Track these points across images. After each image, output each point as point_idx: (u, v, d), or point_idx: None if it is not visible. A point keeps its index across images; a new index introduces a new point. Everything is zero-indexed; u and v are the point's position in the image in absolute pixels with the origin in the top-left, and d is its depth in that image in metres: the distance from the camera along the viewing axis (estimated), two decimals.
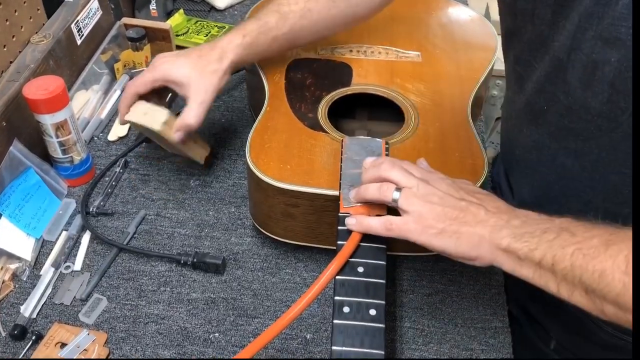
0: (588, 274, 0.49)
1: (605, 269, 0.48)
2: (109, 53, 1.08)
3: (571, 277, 0.50)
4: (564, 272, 0.50)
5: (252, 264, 0.80)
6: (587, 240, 0.50)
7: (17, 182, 0.82)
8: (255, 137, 0.77)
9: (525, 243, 0.53)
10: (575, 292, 0.50)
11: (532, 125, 0.69)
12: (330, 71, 0.88)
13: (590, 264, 0.49)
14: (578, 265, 0.49)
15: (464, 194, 0.59)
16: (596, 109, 0.59)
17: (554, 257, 0.51)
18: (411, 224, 0.58)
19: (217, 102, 1.05)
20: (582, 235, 0.51)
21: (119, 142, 0.97)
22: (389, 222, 0.59)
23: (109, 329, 0.72)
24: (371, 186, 0.62)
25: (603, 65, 0.56)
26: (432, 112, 0.82)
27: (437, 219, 0.57)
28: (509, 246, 0.54)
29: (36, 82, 0.81)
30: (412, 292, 0.77)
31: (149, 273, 0.79)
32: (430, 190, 0.59)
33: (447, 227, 0.56)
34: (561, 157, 0.67)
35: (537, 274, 0.53)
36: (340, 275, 0.60)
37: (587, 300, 0.50)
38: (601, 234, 0.50)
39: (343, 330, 0.55)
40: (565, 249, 0.50)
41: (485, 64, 0.91)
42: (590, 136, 0.62)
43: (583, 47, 0.57)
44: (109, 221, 0.85)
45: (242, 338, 0.72)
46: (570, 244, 0.50)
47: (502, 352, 0.71)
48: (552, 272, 0.51)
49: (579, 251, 0.50)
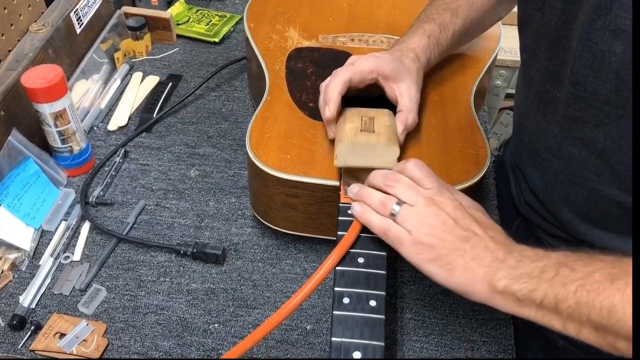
0: (596, 311, 0.47)
1: (614, 305, 0.46)
2: (109, 42, 1.08)
3: (578, 316, 0.48)
4: (569, 311, 0.48)
5: (252, 255, 0.79)
6: (589, 276, 0.48)
7: (16, 172, 0.82)
8: (255, 126, 0.76)
9: (524, 284, 0.50)
10: (584, 330, 0.48)
11: (540, 113, 0.69)
12: (331, 60, 0.87)
13: (596, 300, 0.47)
14: (584, 302, 0.47)
15: (470, 221, 0.56)
16: (605, 96, 0.58)
17: (556, 296, 0.49)
18: (406, 241, 0.55)
19: (218, 92, 1.04)
20: (583, 271, 0.49)
21: (119, 132, 0.97)
22: (388, 226, 0.57)
23: (108, 320, 0.72)
24: (374, 194, 0.60)
25: (610, 56, 0.56)
26: (435, 101, 0.81)
27: (433, 246, 0.54)
28: (506, 288, 0.51)
29: (35, 70, 0.81)
30: (414, 283, 0.76)
31: (149, 263, 0.78)
32: (433, 211, 0.56)
33: (442, 256, 0.54)
34: (567, 145, 0.66)
35: (539, 314, 0.51)
36: (340, 266, 0.59)
37: (597, 337, 0.48)
38: (602, 267, 0.48)
39: (343, 322, 0.55)
40: (567, 287, 0.48)
41: (489, 53, 0.89)
42: (598, 124, 0.61)
43: (592, 37, 0.57)
44: (109, 211, 0.84)
45: (242, 329, 0.71)
46: (572, 280, 0.48)
47: (503, 344, 0.70)
48: (556, 311, 0.49)
49: (582, 287, 0.48)
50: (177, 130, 0.97)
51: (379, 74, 0.72)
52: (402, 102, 0.73)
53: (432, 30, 0.78)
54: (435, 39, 0.78)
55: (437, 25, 0.79)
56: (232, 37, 1.17)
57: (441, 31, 0.78)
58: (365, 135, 0.66)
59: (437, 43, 0.78)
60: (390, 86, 0.73)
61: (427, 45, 0.77)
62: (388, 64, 0.72)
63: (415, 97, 0.73)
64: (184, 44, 1.15)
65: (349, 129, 0.68)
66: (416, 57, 0.76)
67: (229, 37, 1.16)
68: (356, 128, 0.67)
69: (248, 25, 0.93)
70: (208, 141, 0.95)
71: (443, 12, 0.80)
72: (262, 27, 0.93)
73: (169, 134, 0.96)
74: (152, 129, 0.97)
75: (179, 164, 0.91)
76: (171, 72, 1.08)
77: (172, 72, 1.08)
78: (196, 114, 1.00)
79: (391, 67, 0.72)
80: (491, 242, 0.55)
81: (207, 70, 1.08)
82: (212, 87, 1.05)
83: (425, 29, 0.78)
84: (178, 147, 0.94)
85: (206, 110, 1.00)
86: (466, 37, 0.84)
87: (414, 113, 0.72)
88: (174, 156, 0.92)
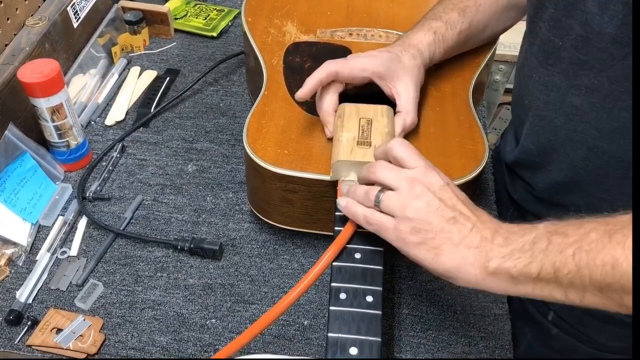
0: (598, 270, 0.45)
1: (616, 258, 0.45)
2: (106, 36, 1.07)
3: (579, 280, 0.47)
4: (569, 277, 0.47)
5: (250, 250, 0.79)
6: (584, 237, 0.47)
7: (13, 167, 0.81)
8: (252, 121, 0.75)
9: (517, 260, 0.49)
10: (587, 294, 0.47)
11: (543, 66, 0.68)
12: (330, 55, 0.86)
13: (597, 258, 0.46)
14: (584, 264, 0.46)
15: (456, 201, 0.54)
16: (611, 34, 0.57)
17: (554, 264, 0.48)
18: (390, 226, 0.54)
19: (216, 87, 1.04)
20: (576, 234, 0.48)
21: (116, 127, 0.96)
22: (370, 214, 0.56)
23: (105, 315, 0.72)
24: (359, 188, 0.59)
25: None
26: (433, 96, 0.80)
27: (417, 229, 0.53)
28: (498, 267, 0.50)
29: (31, 65, 0.80)
30: (411, 279, 0.76)
31: (146, 259, 0.78)
32: (417, 192, 0.54)
33: (429, 239, 0.53)
34: (570, 96, 0.65)
35: (537, 287, 0.49)
36: (337, 261, 0.59)
37: (601, 298, 0.47)
38: (595, 226, 0.47)
39: (339, 317, 0.54)
40: (564, 253, 0.47)
41: (488, 48, 0.89)
42: (603, 67, 0.60)
43: None
44: (106, 206, 0.84)
45: (239, 324, 0.71)
46: (567, 245, 0.47)
47: (501, 340, 0.70)
48: (556, 281, 0.48)
49: (580, 250, 0.47)
50: (175, 125, 0.97)
51: (373, 72, 0.72)
52: (400, 103, 0.72)
53: (438, 27, 0.78)
54: (441, 35, 0.78)
55: (444, 22, 0.78)
56: (230, 32, 1.16)
57: (447, 28, 0.78)
58: (362, 150, 0.66)
59: (442, 39, 0.78)
60: (387, 85, 0.73)
61: (432, 41, 0.77)
62: (384, 63, 0.72)
63: (414, 96, 0.73)
64: (181, 38, 1.14)
65: (346, 140, 0.67)
66: (418, 53, 0.75)
67: (226, 32, 1.16)
68: (353, 139, 0.67)
69: (246, 19, 0.92)
70: (206, 136, 0.95)
71: (450, 11, 0.80)
72: (259, 21, 0.92)
73: (167, 129, 0.96)
74: (150, 124, 0.97)
75: (177, 159, 0.91)
76: (169, 66, 1.08)
77: (170, 66, 1.08)
78: (194, 108, 0.99)
79: (387, 66, 0.72)
80: (478, 221, 0.53)
81: (204, 64, 1.07)
82: (210, 81, 1.04)
83: (432, 25, 0.78)
84: (175, 142, 0.94)
85: (204, 105, 1.00)
86: (471, 40, 0.84)
87: (412, 114, 0.72)
88: (171, 151, 0.92)
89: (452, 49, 0.81)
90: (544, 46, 0.68)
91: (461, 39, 0.80)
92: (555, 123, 0.69)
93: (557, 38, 0.65)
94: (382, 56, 0.73)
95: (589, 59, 0.62)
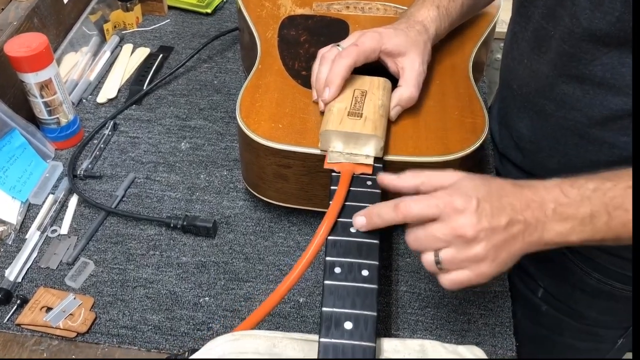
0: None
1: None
2: (98, 13, 1.05)
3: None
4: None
5: (245, 228, 0.77)
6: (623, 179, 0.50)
7: (1, 144, 0.79)
8: (245, 95, 0.73)
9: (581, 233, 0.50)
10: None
11: (534, 53, 0.67)
12: (326, 28, 0.85)
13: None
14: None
15: (509, 211, 0.50)
16: (602, 30, 0.57)
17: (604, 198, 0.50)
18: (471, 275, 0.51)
19: (210, 64, 1.01)
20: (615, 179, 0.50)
21: (108, 105, 0.94)
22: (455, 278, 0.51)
23: (96, 293, 0.70)
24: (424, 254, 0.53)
25: None
26: (432, 69, 0.78)
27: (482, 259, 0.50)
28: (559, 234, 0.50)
29: (18, 39, 0.78)
30: (409, 256, 0.74)
31: (138, 237, 0.76)
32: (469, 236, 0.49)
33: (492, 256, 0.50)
34: (562, 84, 0.64)
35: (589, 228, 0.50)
36: (332, 235, 0.57)
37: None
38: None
39: (334, 291, 0.53)
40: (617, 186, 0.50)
41: (488, 21, 0.87)
42: (593, 58, 0.59)
43: None
44: (97, 184, 0.82)
45: (233, 302, 0.70)
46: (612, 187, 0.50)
47: (501, 317, 0.69)
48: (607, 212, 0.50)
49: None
50: (168, 102, 0.94)
51: (382, 51, 0.70)
52: (402, 75, 0.70)
53: (440, 1, 0.76)
54: (445, 9, 0.76)
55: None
56: (225, 8, 1.14)
57: (450, 1, 0.76)
58: (351, 121, 0.64)
59: (446, 13, 0.76)
60: (394, 62, 0.71)
61: (437, 16, 0.75)
62: (391, 39, 0.70)
63: (418, 70, 0.70)
64: (175, 15, 1.12)
65: (337, 110, 0.66)
66: (424, 29, 0.73)
67: (221, 9, 1.13)
68: (344, 109, 0.66)
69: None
70: (199, 113, 0.93)
71: None
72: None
73: (160, 106, 0.94)
74: (142, 101, 0.95)
75: (170, 137, 0.89)
76: (162, 43, 1.05)
77: (163, 43, 1.06)
78: (187, 86, 0.97)
79: (395, 42, 0.70)
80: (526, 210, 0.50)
81: (198, 41, 1.05)
82: (204, 58, 1.02)
83: (434, 0, 0.76)
84: (169, 119, 0.92)
85: (198, 82, 0.98)
86: (473, 9, 0.82)
87: (412, 88, 0.69)
88: (164, 129, 0.90)
89: (456, 21, 0.79)
90: (536, 32, 0.66)
91: (464, 10, 0.78)
92: (546, 110, 0.68)
93: (549, 26, 0.64)
94: (389, 32, 0.71)
95: (575, 51, 0.61)
